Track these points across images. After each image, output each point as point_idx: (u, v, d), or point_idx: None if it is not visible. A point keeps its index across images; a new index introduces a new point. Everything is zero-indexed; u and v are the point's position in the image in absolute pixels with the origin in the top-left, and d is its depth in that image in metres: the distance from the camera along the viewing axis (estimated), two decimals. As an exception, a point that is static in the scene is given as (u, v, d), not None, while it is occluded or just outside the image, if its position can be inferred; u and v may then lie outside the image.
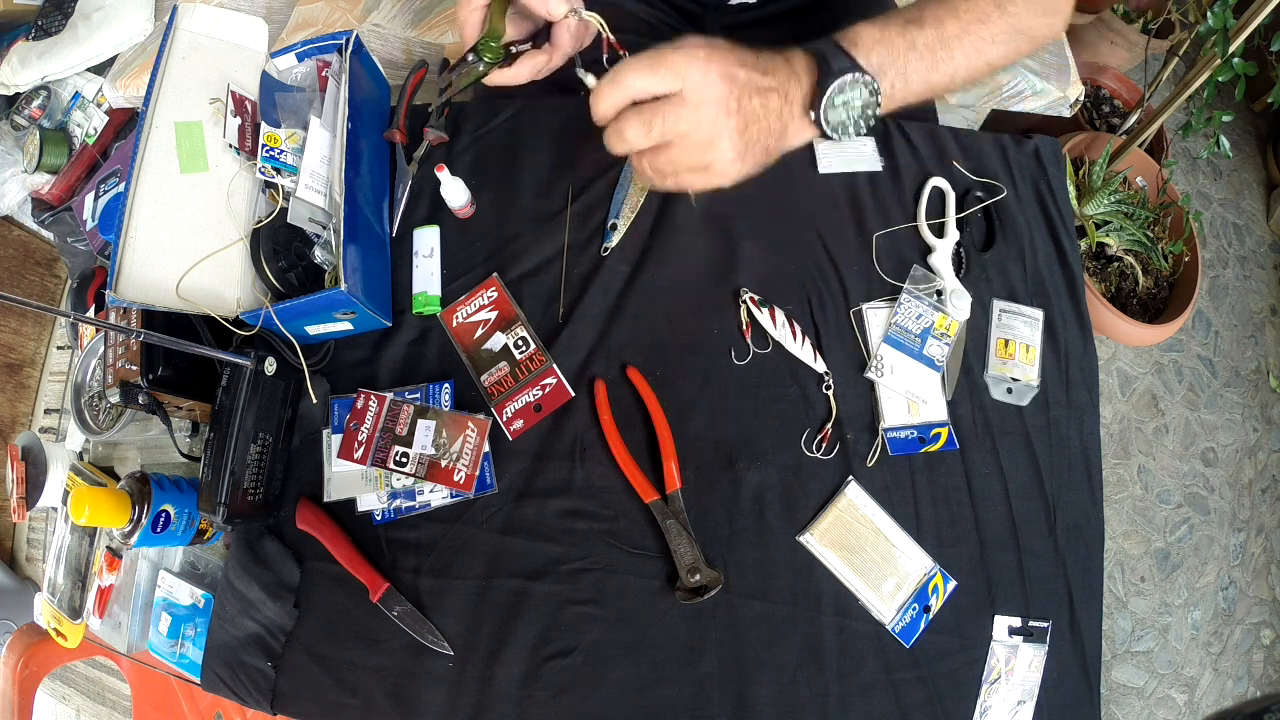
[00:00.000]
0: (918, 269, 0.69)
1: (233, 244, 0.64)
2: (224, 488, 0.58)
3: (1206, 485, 1.52)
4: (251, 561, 0.64)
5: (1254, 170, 1.84)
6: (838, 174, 0.72)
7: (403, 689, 0.60)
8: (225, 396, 0.60)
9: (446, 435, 0.63)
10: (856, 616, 0.61)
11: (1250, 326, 1.67)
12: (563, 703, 0.59)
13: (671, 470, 0.62)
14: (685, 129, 0.45)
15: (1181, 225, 1.35)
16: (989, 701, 0.61)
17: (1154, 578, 1.45)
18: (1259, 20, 0.99)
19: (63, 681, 0.95)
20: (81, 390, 0.79)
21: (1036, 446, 0.66)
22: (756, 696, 0.59)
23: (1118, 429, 1.52)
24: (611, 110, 0.46)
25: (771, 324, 0.65)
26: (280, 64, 0.71)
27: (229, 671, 0.62)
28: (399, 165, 0.73)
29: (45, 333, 1.13)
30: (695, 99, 0.44)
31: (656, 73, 0.44)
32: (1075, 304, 0.71)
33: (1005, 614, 0.62)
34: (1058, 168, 0.76)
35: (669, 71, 0.44)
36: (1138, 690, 1.38)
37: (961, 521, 0.64)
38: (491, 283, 0.69)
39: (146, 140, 0.62)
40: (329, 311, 0.63)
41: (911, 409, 0.65)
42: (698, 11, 0.86)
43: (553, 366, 0.66)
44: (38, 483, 0.79)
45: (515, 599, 0.61)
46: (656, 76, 0.44)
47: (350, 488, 0.65)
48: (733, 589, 0.61)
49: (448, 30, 1.05)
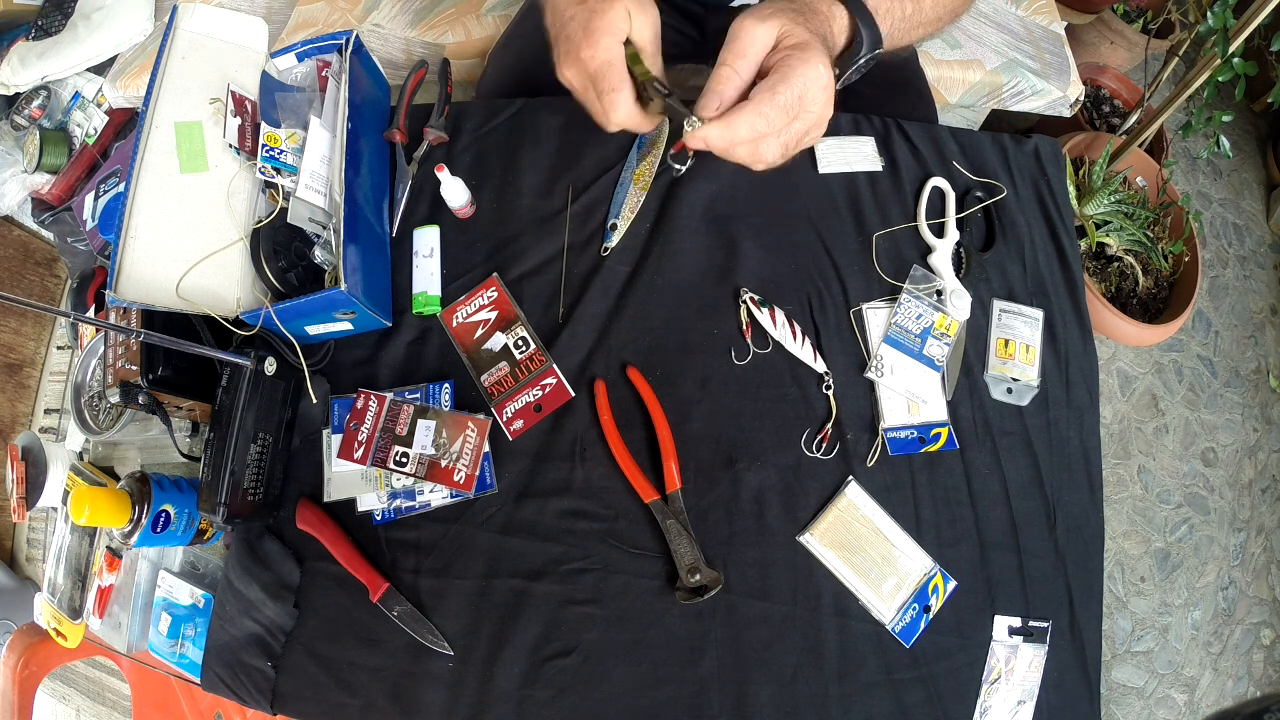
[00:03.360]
0: (918, 269, 0.69)
1: (233, 244, 0.63)
2: (224, 488, 0.58)
3: (1206, 485, 1.52)
4: (251, 561, 0.64)
5: (1254, 170, 1.84)
6: (838, 174, 0.73)
7: (403, 689, 0.60)
8: (225, 396, 0.60)
9: (446, 435, 0.63)
10: (856, 616, 0.61)
11: (1250, 326, 1.67)
12: (563, 703, 0.59)
13: (671, 470, 0.62)
14: (815, 127, 0.48)
15: (1181, 225, 1.35)
16: (989, 701, 0.61)
17: (1154, 578, 1.45)
18: (1259, 20, 0.99)
19: (63, 681, 0.95)
20: (81, 390, 0.79)
21: (1036, 446, 0.66)
22: (756, 696, 0.59)
23: (1118, 429, 1.52)
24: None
25: (771, 324, 0.65)
26: (280, 64, 0.71)
27: (229, 671, 0.62)
28: (399, 165, 0.73)
29: (45, 333, 1.13)
30: (814, 103, 0.47)
31: (776, 102, 0.46)
32: (1075, 304, 0.71)
33: (1005, 614, 0.62)
34: (1058, 168, 0.76)
35: (789, 89, 0.45)
36: (1138, 690, 1.38)
37: (961, 521, 0.64)
38: (491, 283, 0.69)
39: (146, 140, 0.62)
40: (329, 311, 0.63)
41: (911, 409, 0.65)
42: (698, 11, 0.86)
43: (553, 366, 0.66)
44: (38, 483, 0.79)
45: (515, 599, 0.61)
46: (777, 107, 0.46)
47: (350, 488, 0.65)
48: (733, 589, 0.61)
49: (447, 30, 1.05)
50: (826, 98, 0.47)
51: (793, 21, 0.47)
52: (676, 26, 0.87)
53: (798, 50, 0.46)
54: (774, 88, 0.45)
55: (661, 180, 0.71)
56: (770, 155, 0.49)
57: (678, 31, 0.87)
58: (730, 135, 0.46)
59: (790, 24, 0.47)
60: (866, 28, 0.51)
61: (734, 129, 0.46)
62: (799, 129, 0.48)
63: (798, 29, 0.47)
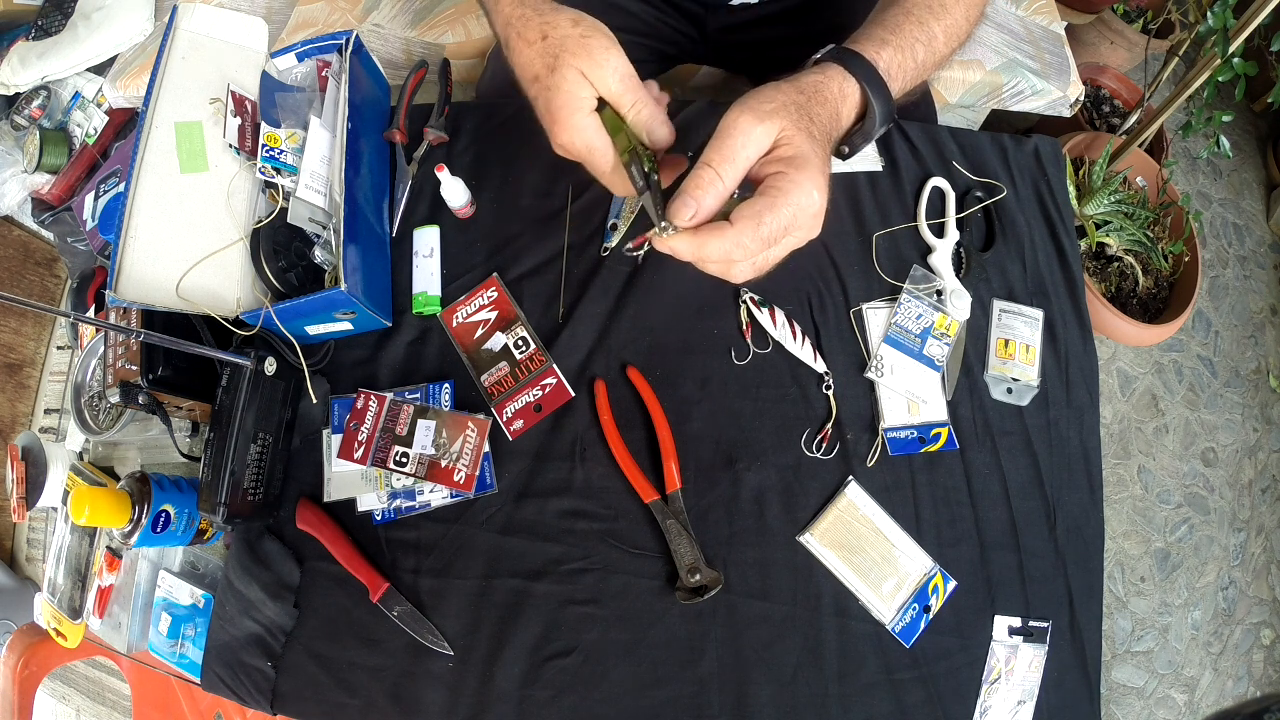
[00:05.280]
0: (918, 269, 0.69)
1: (233, 244, 0.63)
2: (224, 488, 0.58)
3: (1206, 485, 1.52)
4: (251, 561, 0.64)
5: (1254, 170, 1.83)
6: (837, 174, 0.72)
7: (403, 689, 0.60)
8: (225, 396, 0.60)
9: (446, 435, 0.63)
10: (856, 616, 0.61)
11: (1250, 326, 1.67)
12: (563, 703, 0.59)
13: (671, 470, 0.62)
14: (795, 247, 0.44)
15: (1181, 225, 1.35)
16: (989, 701, 0.61)
17: (1154, 578, 1.45)
18: (1259, 20, 0.99)
19: (63, 681, 0.95)
20: (81, 390, 0.79)
21: (1036, 446, 0.66)
22: (756, 696, 0.59)
23: (1118, 429, 1.52)
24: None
25: (771, 324, 0.65)
26: (280, 64, 0.71)
27: (229, 671, 0.62)
28: (399, 165, 0.73)
29: (45, 333, 1.12)
30: (799, 229, 0.43)
31: (759, 234, 0.41)
32: (1075, 304, 0.71)
33: (1005, 614, 0.62)
34: (1058, 168, 0.76)
35: (775, 219, 0.41)
36: (1138, 690, 1.38)
37: (961, 521, 0.64)
38: (491, 283, 0.69)
39: (146, 140, 0.62)
40: (329, 311, 0.63)
41: (911, 409, 0.65)
42: (698, 11, 0.86)
43: (553, 366, 0.66)
44: (38, 483, 0.79)
45: (515, 599, 0.61)
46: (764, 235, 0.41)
47: (350, 488, 0.65)
48: (733, 589, 0.61)
49: (447, 30, 1.05)
50: (814, 224, 0.43)
51: (795, 124, 0.43)
52: (676, 26, 0.87)
53: (792, 170, 0.42)
54: (759, 216, 0.41)
55: (661, 180, 0.71)
56: (740, 277, 0.45)
57: (678, 31, 0.87)
58: (699, 254, 0.42)
59: (792, 127, 0.42)
60: (880, 102, 0.48)
61: (705, 249, 0.42)
62: (776, 254, 0.44)
63: (798, 136, 0.42)
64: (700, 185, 0.42)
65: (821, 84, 0.46)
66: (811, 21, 0.81)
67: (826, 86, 0.46)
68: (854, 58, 0.48)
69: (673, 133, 0.48)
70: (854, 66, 0.48)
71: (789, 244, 0.44)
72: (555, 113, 0.46)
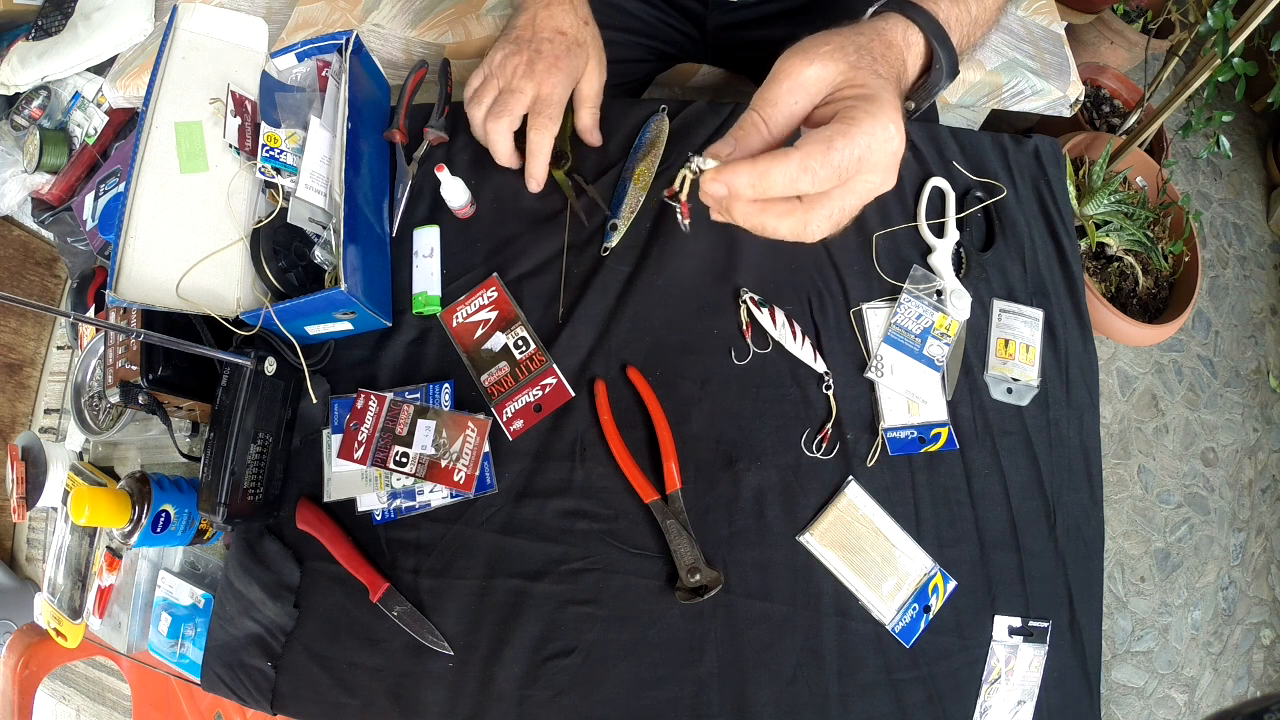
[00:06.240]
0: (918, 269, 0.69)
1: (233, 244, 0.63)
2: (224, 488, 0.58)
3: (1206, 485, 1.52)
4: (251, 561, 0.64)
5: (1254, 170, 1.84)
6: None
7: (403, 689, 0.60)
8: (225, 396, 0.60)
9: (446, 435, 0.63)
10: (856, 616, 0.61)
11: (1250, 326, 1.67)
12: (563, 703, 0.59)
13: (671, 470, 0.62)
14: (868, 199, 0.39)
15: (1181, 225, 1.35)
16: (989, 701, 0.61)
17: (1154, 578, 1.45)
18: (1259, 20, 0.99)
19: (63, 681, 0.95)
20: (81, 390, 0.79)
21: (1036, 446, 0.66)
22: (756, 696, 0.59)
23: (1118, 429, 1.52)
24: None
25: (771, 324, 0.65)
26: (280, 64, 0.71)
27: (229, 671, 0.62)
28: (399, 165, 0.73)
29: (45, 333, 1.12)
30: (876, 169, 0.37)
31: (830, 160, 0.35)
32: (1075, 304, 0.71)
33: (1005, 614, 0.62)
34: (1058, 168, 0.76)
35: (849, 145, 0.35)
36: (1138, 690, 1.38)
37: (961, 521, 0.64)
38: (491, 283, 0.69)
39: (146, 140, 0.62)
40: (329, 311, 0.63)
41: (911, 409, 0.65)
42: (698, 9, 0.86)
43: (553, 366, 0.66)
44: (38, 483, 0.79)
45: (515, 599, 0.61)
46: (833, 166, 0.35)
47: (350, 488, 0.65)
48: (733, 589, 0.61)
49: (447, 30, 1.05)
50: (892, 165, 0.37)
51: (858, 64, 0.37)
52: (676, 25, 0.87)
53: (865, 103, 0.36)
54: (830, 140, 0.35)
55: (661, 180, 0.71)
56: (818, 232, 0.38)
57: (678, 30, 0.87)
58: (763, 185, 0.35)
59: (853, 69, 0.37)
60: (946, 52, 0.44)
61: (770, 177, 0.34)
62: (853, 203, 0.38)
63: (865, 74, 0.37)
64: (741, 126, 0.38)
65: (885, 29, 0.42)
66: (812, 19, 0.81)
67: (890, 32, 0.42)
68: (913, 7, 0.44)
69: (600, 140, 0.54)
70: (915, 15, 0.44)
71: (865, 188, 0.37)
72: (558, 59, 0.49)
